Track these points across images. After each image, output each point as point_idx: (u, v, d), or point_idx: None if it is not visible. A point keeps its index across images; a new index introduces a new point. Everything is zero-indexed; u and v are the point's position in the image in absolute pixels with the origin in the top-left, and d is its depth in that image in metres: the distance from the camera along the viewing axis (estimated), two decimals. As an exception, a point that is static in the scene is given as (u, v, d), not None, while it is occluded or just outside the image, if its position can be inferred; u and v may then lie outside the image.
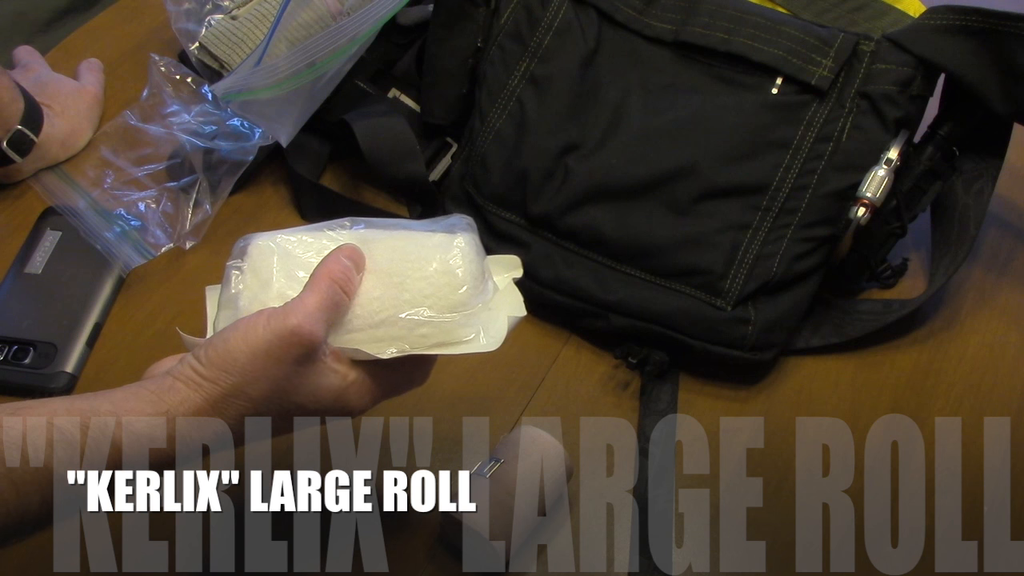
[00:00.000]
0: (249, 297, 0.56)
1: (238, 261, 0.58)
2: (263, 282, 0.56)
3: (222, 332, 0.52)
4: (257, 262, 0.57)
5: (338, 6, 0.84)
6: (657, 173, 0.76)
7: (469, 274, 0.58)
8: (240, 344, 0.50)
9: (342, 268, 0.54)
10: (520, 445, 0.67)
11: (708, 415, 0.75)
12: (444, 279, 0.57)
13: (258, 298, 0.56)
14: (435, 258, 0.57)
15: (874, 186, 0.73)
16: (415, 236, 0.59)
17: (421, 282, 0.57)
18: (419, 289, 0.57)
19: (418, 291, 0.57)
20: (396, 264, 0.57)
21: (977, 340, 0.80)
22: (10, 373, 0.74)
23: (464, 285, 0.57)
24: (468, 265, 0.58)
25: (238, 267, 0.57)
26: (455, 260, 0.58)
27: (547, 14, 0.81)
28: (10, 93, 0.81)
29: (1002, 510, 0.71)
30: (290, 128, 0.82)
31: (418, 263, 0.57)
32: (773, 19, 0.78)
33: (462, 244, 0.58)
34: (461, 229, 0.60)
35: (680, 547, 0.68)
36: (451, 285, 0.57)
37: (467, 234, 0.59)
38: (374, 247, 0.58)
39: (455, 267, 0.57)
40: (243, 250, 0.58)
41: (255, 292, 0.56)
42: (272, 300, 0.55)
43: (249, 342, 0.50)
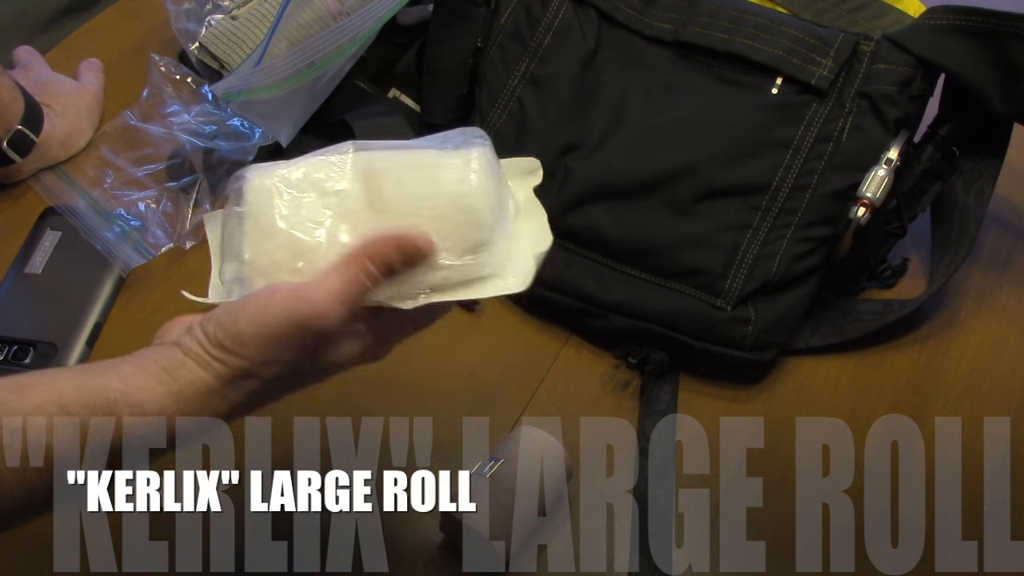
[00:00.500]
0: (254, 251, 0.52)
1: (234, 206, 0.52)
2: (265, 232, 0.52)
3: (230, 308, 0.48)
4: (256, 208, 0.52)
5: (338, 6, 0.84)
6: (657, 173, 0.76)
7: (487, 208, 0.52)
8: (250, 326, 0.48)
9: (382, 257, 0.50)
10: (520, 445, 0.67)
11: (708, 415, 0.75)
12: (461, 216, 0.52)
13: (263, 251, 0.51)
14: (449, 192, 0.52)
15: (874, 186, 0.73)
16: (425, 163, 0.53)
17: (437, 221, 0.52)
18: (435, 230, 0.52)
19: (434, 231, 0.52)
20: (408, 201, 0.52)
21: (977, 340, 0.80)
22: (10, 373, 0.73)
23: (483, 223, 0.52)
24: (485, 198, 0.52)
25: (237, 214, 0.52)
26: (472, 194, 0.52)
27: (547, 14, 0.81)
28: (10, 93, 0.81)
29: (1002, 510, 0.71)
30: (290, 128, 0.82)
31: (432, 199, 0.52)
32: (773, 19, 0.78)
33: (476, 170, 0.52)
34: (475, 145, 0.54)
35: (680, 547, 0.68)
36: (470, 223, 0.52)
37: (481, 152, 0.53)
38: (383, 181, 0.52)
39: (472, 203, 0.52)
40: (239, 192, 0.52)
41: (259, 244, 0.52)
42: (278, 251, 0.51)
43: (260, 325, 0.47)
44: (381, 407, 0.71)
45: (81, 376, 0.46)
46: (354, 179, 0.52)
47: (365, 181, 0.52)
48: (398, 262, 0.50)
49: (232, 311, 0.48)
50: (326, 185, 0.52)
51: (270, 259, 0.51)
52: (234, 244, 0.52)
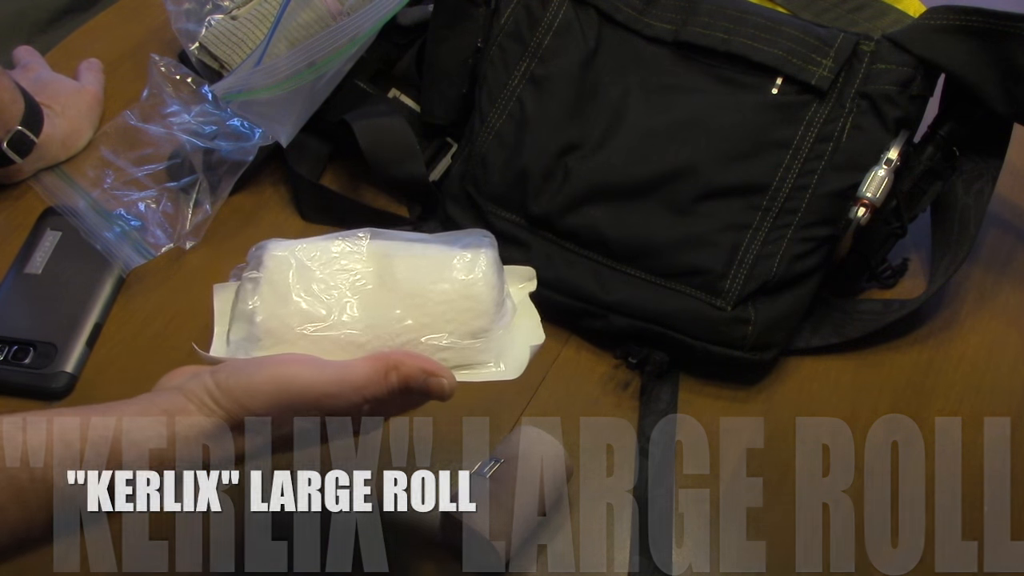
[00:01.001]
0: (267, 312, 0.55)
1: (253, 272, 0.56)
2: (281, 297, 0.55)
3: (248, 363, 0.51)
4: (274, 275, 0.56)
5: (338, 6, 0.84)
6: (657, 173, 0.76)
7: (491, 299, 0.57)
8: (265, 385, 0.49)
9: (408, 378, 0.51)
10: (520, 445, 0.67)
11: (708, 415, 0.75)
12: (466, 304, 0.56)
13: (276, 314, 0.55)
14: (457, 280, 0.56)
15: (874, 186, 0.73)
16: (435, 254, 0.58)
17: (443, 305, 0.56)
18: (440, 312, 0.56)
19: (439, 314, 0.56)
20: (417, 284, 0.56)
21: (977, 340, 0.80)
22: (10, 373, 0.74)
23: (486, 312, 0.57)
24: (489, 289, 0.57)
25: (253, 279, 0.56)
26: (477, 284, 0.57)
27: (547, 14, 0.81)
28: (10, 94, 0.81)
29: (1002, 510, 0.71)
30: (290, 128, 0.82)
31: (439, 284, 0.56)
32: (773, 19, 0.78)
33: (483, 266, 0.58)
34: (482, 247, 0.59)
35: (680, 547, 0.68)
36: (473, 311, 0.56)
37: (488, 253, 0.58)
38: (395, 263, 0.57)
39: (477, 292, 0.57)
40: (259, 260, 0.56)
41: (272, 307, 0.55)
42: (290, 316, 0.55)
43: (275, 387, 0.49)
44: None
45: (87, 414, 0.47)
46: (369, 261, 0.57)
47: (379, 264, 0.57)
48: (418, 386, 0.52)
49: (251, 365, 0.50)
50: (342, 263, 0.56)
51: (281, 323, 0.54)
52: (247, 306, 0.55)
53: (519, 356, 0.57)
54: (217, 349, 0.57)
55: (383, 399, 0.52)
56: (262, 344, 0.54)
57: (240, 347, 0.55)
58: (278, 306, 0.55)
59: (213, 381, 0.50)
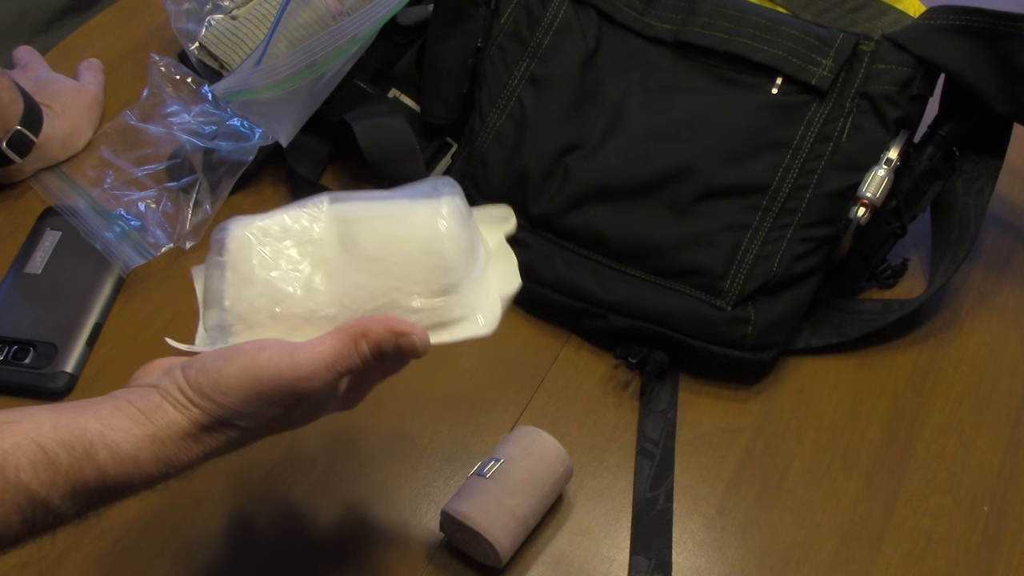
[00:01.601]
0: (233, 296, 0.53)
1: (216, 256, 0.55)
2: (244, 278, 0.53)
3: (217, 356, 0.49)
4: (236, 257, 0.54)
5: (338, 6, 0.84)
6: (657, 173, 0.76)
7: (457, 251, 0.54)
8: (234, 379, 0.48)
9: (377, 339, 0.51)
10: (520, 445, 0.67)
11: (708, 415, 0.75)
12: (432, 261, 0.54)
13: (243, 297, 0.53)
14: (420, 238, 0.54)
15: (874, 186, 0.73)
16: (397, 212, 0.55)
17: (408, 267, 0.54)
18: (406, 274, 0.54)
19: (405, 276, 0.53)
20: (380, 247, 0.54)
21: (977, 340, 0.80)
22: (10, 373, 0.74)
23: (453, 267, 0.54)
24: (455, 241, 0.54)
25: (219, 263, 0.54)
26: (442, 239, 0.54)
27: (547, 14, 0.81)
28: (10, 94, 0.81)
29: (1002, 510, 0.71)
30: (290, 128, 0.82)
31: (403, 244, 0.54)
32: (773, 19, 0.78)
33: (446, 215, 0.54)
34: (443, 195, 0.55)
35: (680, 547, 0.68)
36: (440, 268, 0.54)
37: (451, 200, 0.55)
38: (356, 228, 0.54)
39: (443, 248, 0.54)
40: (221, 243, 0.55)
41: (238, 290, 0.53)
42: (257, 298, 0.53)
43: (246, 379, 0.48)
44: (382, 407, 0.71)
45: (60, 414, 0.46)
46: (329, 227, 0.54)
47: (339, 229, 0.54)
48: (391, 350, 0.51)
49: (218, 360, 0.49)
50: (303, 235, 0.54)
51: (249, 305, 0.52)
52: (216, 292, 0.54)
53: (493, 308, 0.55)
54: (199, 339, 0.56)
55: (359, 370, 0.51)
56: (235, 330, 0.53)
57: (213, 336, 0.54)
58: (244, 289, 0.53)
59: (184, 378, 0.49)
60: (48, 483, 0.44)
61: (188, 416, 0.48)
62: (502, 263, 0.58)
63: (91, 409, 0.47)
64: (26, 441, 0.44)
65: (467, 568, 0.66)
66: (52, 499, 0.44)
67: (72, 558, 0.65)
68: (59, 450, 0.45)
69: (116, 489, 0.47)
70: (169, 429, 0.48)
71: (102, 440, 0.46)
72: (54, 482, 0.44)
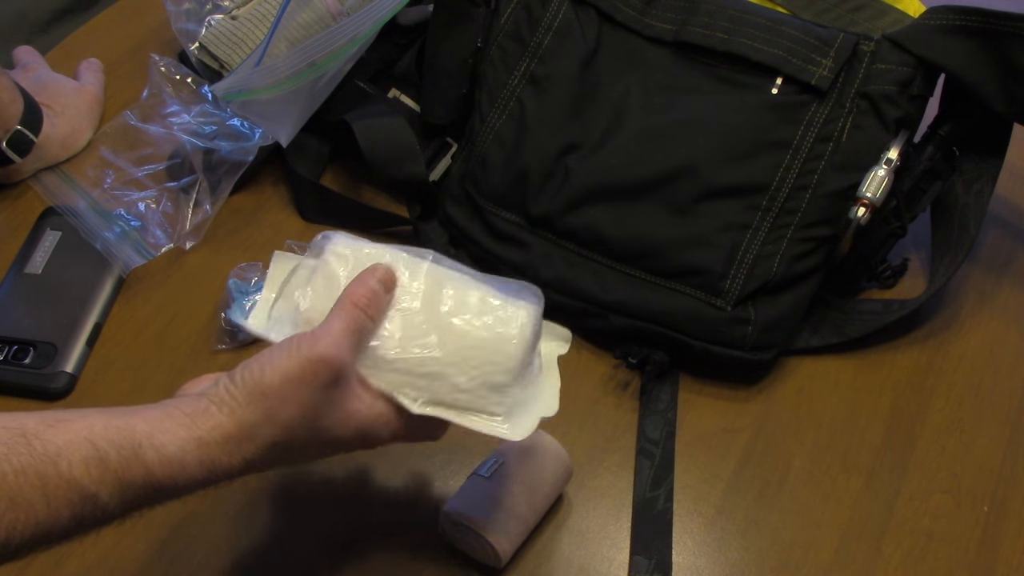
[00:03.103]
0: (312, 304, 0.56)
1: (312, 259, 0.57)
2: (330, 293, 0.55)
3: (259, 356, 0.52)
4: (331, 269, 0.56)
5: (338, 6, 0.84)
6: (657, 173, 0.76)
7: (519, 360, 0.57)
8: (273, 370, 0.51)
9: (366, 292, 0.54)
10: (520, 445, 0.67)
11: (708, 415, 0.75)
12: (495, 356, 0.56)
13: (320, 308, 0.55)
14: (495, 331, 0.57)
15: (874, 186, 0.73)
16: (484, 296, 0.58)
17: (474, 350, 0.56)
18: (469, 356, 0.56)
19: (468, 357, 0.56)
20: (457, 317, 0.57)
21: (977, 340, 0.80)
22: (10, 373, 0.74)
23: (511, 370, 0.57)
24: (522, 351, 0.57)
25: (311, 267, 0.57)
26: (511, 342, 0.57)
27: (547, 14, 0.81)
28: (9, 93, 0.81)
29: (1002, 510, 0.71)
30: (290, 128, 0.82)
31: (478, 331, 0.56)
32: (773, 19, 0.78)
33: (523, 325, 0.58)
34: (530, 303, 0.59)
35: (680, 547, 0.68)
36: (499, 365, 0.57)
37: (533, 312, 0.59)
38: (444, 292, 0.57)
39: (509, 349, 0.57)
40: (320, 249, 0.57)
41: (319, 301, 0.56)
42: None
43: (280, 368, 0.51)
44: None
45: (111, 416, 0.48)
46: (422, 281, 0.57)
47: (431, 287, 0.57)
48: (381, 291, 0.55)
49: (260, 358, 0.52)
50: (398, 276, 0.56)
51: (322, 316, 0.54)
52: (296, 291, 0.56)
53: (528, 423, 0.58)
54: (257, 317, 0.58)
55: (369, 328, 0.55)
56: (298, 331, 0.54)
57: (278, 325, 0.56)
58: (325, 300, 0.55)
59: (230, 380, 0.51)
60: (98, 480, 0.46)
61: (233, 418, 0.50)
62: (547, 383, 0.61)
63: (141, 413, 0.49)
64: (79, 438, 0.46)
65: (467, 568, 0.66)
66: (101, 495, 0.46)
67: (73, 558, 0.65)
68: (109, 449, 0.46)
69: (161, 490, 0.48)
70: (214, 432, 0.49)
71: (150, 441, 0.47)
72: (103, 479, 0.46)
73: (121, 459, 0.46)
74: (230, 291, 0.77)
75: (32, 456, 0.45)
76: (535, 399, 0.59)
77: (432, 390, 0.56)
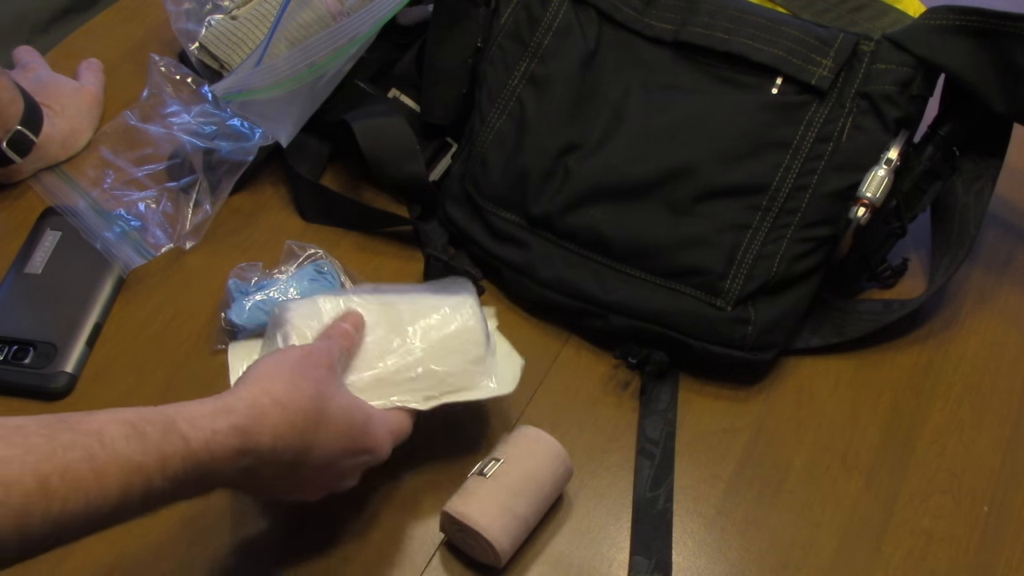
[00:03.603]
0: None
1: (278, 342, 0.64)
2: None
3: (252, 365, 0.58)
4: (300, 329, 0.64)
5: (338, 6, 0.84)
6: (657, 173, 0.76)
7: (482, 332, 0.67)
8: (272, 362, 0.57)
9: (341, 330, 0.63)
10: (520, 445, 0.67)
11: (708, 415, 0.75)
12: (466, 336, 0.67)
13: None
14: (455, 319, 0.67)
15: (874, 186, 0.73)
16: (430, 298, 0.68)
17: (447, 340, 0.66)
18: (446, 344, 0.66)
19: (445, 346, 0.66)
20: (421, 324, 0.66)
21: (977, 340, 0.80)
22: (10, 373, 0.74)
23: (482, 343, 0.67)
24: (482, 323, 0.67)
25: (279, 335, 0.64)
26: (473, 320, 0.67)
27: (547, 14, 0.81)
28: (10, 94, 0.81)
29: (1002, 510, 0.71)
30: (290, 128, 0.82)
31: (441, 323, 0.67)
32: (773, 19, 0.78)
33: (473, 303, 0.68)
34: (466, 289, 0.70)
35: (680, 547, 0.68)
36: (472, 342, 0.67)
37: (471, 294, 0.69)
38: (400, 308, 0.67)
39: (473, 327, 0.67)
40: (281, 320, 0.65)
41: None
42: None
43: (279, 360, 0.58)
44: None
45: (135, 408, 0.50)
46: (378, 311, 0.66)
47: (386, 311, 0.66)
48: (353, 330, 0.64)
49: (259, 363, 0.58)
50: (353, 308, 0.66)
51: None
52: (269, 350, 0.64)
53: (507, 375, 0.68)
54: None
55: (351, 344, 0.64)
56: None
57: None
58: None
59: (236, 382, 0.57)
60: (140, 451, 0.47)
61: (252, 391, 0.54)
62: (504, 347, 0.71)
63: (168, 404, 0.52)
64: (115, 419, 0.48)
65: (467, 568, 0.66)
66: (146, 468, 0.47)
67: (72, 559, 0.65)
68: (145, 425, 0.48)
69: (200, 465, 0.50)
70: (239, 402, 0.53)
71: (180, 415, 0.50)
72: (145, 451, 0.47)
73: (157, 432, 0.48)
74: (230, 291, 0.77)
75: (75, 433, 0.46)
76: (503, 360, 0.69)
77: (429, 385, 0.65)
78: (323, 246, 0.82)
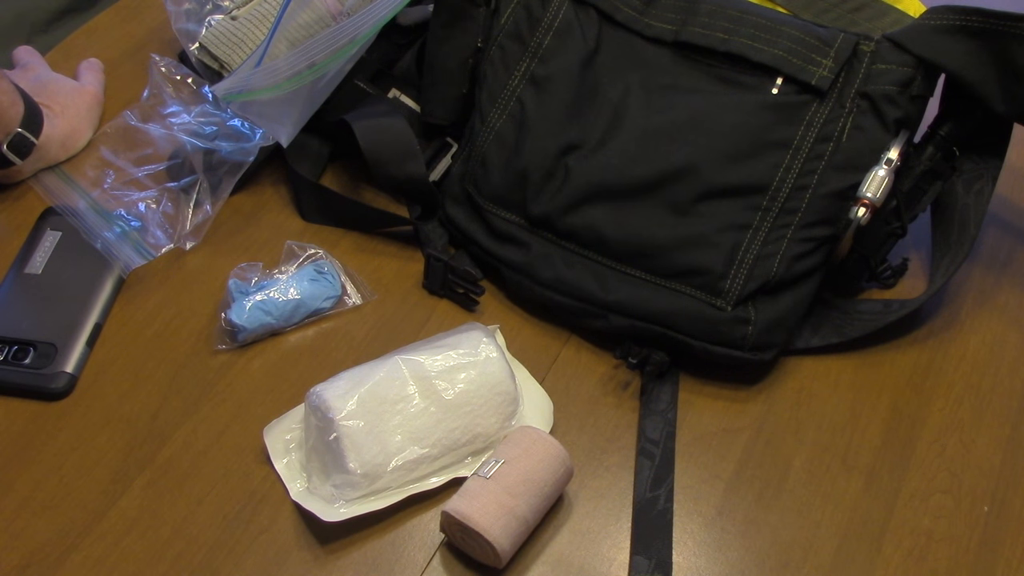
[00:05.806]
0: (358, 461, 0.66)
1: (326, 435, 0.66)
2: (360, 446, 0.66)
3: None
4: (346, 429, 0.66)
5: (338, 6, 0.84)
6: (657, 173, 0.76)
7: (511, 393, 0.70)
8: None
9: None
10: (520, 445, 0.67)
11: (708, 415, 0.75)
12: (499, 399, 0.70)
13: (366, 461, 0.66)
14: (487, 384, 0.69)
15: (874, 186, 0.73)
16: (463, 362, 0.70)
17: (483, 407, 0.69)
18: (482, 413, 0.69)
19: (481, 414, 0.69)
20: (459, 395, 0.69)
21: (977, 340, 0.80)
22: (10, 373, 0.74)
23: (513, 402, 0.71)
24: (508, 383, 0.70)
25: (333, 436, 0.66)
26: (504, 383, 0.70)
27: (547, 14, 0.81)
28: (10, 96, 0.81)
29: (1002, 510, 0.71)
30: (290, 128, 0.82)
31: (476, 389, 0.69)
32: (773, 19, 0.78)
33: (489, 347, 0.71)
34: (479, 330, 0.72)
35: (680, 547, 0.68)
36: (504, 403, 0.70)
37: (484, 333, 0.72)
38: (435, 383, 0.68)
39: (505, 390, 0.70)
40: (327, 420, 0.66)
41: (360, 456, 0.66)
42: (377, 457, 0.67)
43: None
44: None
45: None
46: (412, 384, 0.68)
47: (421, 385, 0.68)
48: None
49: None
50: (392, 394, 0.68)
51: (373, 465, 0.66)
52: (333, 459, 0.66)
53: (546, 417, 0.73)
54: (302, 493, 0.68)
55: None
56: (359, 487, 0.66)
57: (342, 491, 0.66)
58: (362, 453, 0.65)
59: None
60: None
61: None
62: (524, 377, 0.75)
63: None
64: None
65: (467, 568, 0.66)
66: None
67: (72, 559, 0.65)
68: None
69: None
70: None
71: None
72: None
73: None
74: (230, 291, 0.77)
75: None
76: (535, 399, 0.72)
77: (478, 450, 0.70)
78: (323, 246, 0.82)
